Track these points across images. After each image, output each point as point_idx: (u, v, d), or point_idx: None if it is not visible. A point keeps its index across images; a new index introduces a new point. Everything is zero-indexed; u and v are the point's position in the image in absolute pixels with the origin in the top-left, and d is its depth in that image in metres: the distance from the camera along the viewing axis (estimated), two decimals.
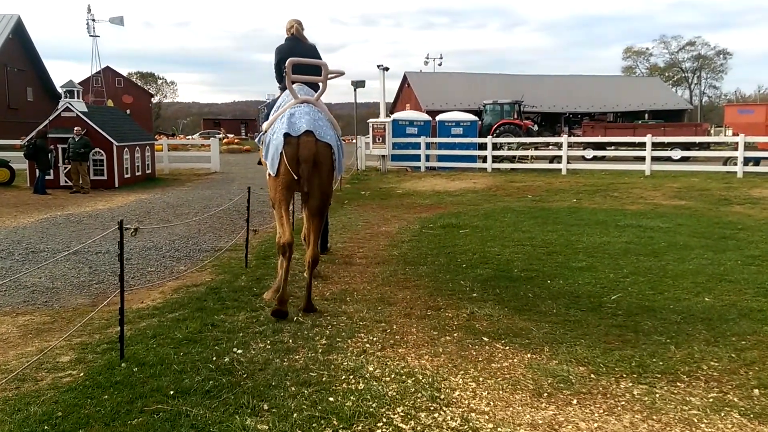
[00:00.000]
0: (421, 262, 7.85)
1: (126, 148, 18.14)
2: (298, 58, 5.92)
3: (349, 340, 4.96)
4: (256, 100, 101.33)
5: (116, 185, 17.37)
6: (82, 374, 4.24)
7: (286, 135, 5.49)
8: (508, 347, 4.79)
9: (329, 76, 6.27)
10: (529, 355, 4.62)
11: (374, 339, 5.00)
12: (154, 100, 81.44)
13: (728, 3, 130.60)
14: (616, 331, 5.09)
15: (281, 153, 5.47)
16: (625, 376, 4.19)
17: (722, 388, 3.97)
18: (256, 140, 6.44)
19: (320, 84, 6.14)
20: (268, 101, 8.29)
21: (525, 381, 4.14)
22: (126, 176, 18.13)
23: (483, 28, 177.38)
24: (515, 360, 4.54)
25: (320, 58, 6.40)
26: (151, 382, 4.04)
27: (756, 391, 3.91)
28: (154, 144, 21.65)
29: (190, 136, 58.96)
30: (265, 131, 6.05)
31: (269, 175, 5.79)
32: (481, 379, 4.18)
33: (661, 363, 4.39)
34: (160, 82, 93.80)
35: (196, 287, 6.74)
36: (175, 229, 10.37)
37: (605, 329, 5.15)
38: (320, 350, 4.72)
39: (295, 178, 5.50)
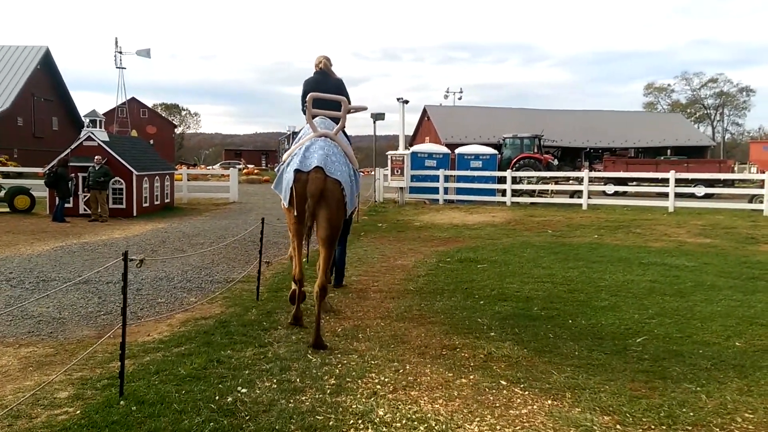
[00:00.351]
0: (437, 298, 7.60)
1: (146, 178, 18.23)
2: (318, 93, 6.19)
3: (359, 381, 4.72)
4: (277, 131, 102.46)
5: (134, 214, 17.40)
6: (78, 412, 4.05)
7: (297, 171, 5.69)
8: (527, 392, 4.52)
9: (352, 110, 6.67)
10: (549, 402, 4.34)
11: (386, 380, 4.75)
12: (178, 130, 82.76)
13: (752, 40, 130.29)
14: (643, 377, 4.79)
15: (292, 188, 5.72)
16: (653, 427, 3.89)
17: None
18: (276, 170, 6.66)
19: (342, 119, 6.31)
20: (288, 133, 8.81)
21: (545, 430, 3.86)
22: (144, 205, 18.18)
23: (503, 63, 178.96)
24: (535, 407, 4.26)
25: (346, 93, 6.70)
26: (148, 423, 3.84)
27: None
28: (174, 173, 21.77)
29: (211, 167, 59.58)
30: (284, 161, 6.27)
31: (284, 206, 6.10)
32: (498, 427, 3.92)
33: (691, 414, 4.08)
34: (183, 113, 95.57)
35: (204, 320, 6.56)
36: (188, 259, 10.25)
37: (631, 375, 4.85)
38: (328, 391, 4.49)
39: (303, 212, 5.69)
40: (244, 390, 4.45)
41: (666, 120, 60.52)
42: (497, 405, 4.29)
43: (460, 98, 63.76)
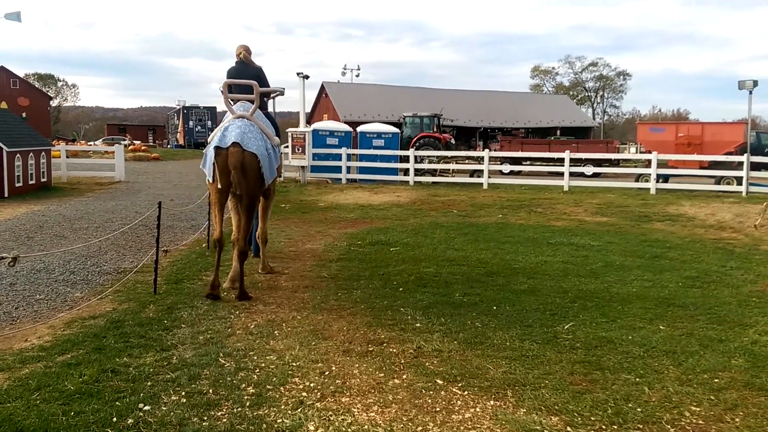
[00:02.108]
0: (354, 286, 7.16)
1: (18, 154, 16.38)
2: (232, 80, 7.03)
3: (281, 388, 4.20)
4: (165, 105, 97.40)
5: (5, 195, 15.59)
6: None
7: (216, 147, 6.37)
8: (466, 392, 4.19)
9: (272, 93, 7.78)
10: (492, 402, 4.03)
11: (311, 385, 4.26)
12: (54, 103, 76.36)
13: (625, 27, 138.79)
14: (581, 369, 4.60)
15: (213, 163, 6.36)
16: (604, 427, 3.67)
17: None
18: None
19: (255, 101, 6.86)
20: (178, 107, 9.58)
21: None
22: (17, 185, 16.35)
23: (397, 42, 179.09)
24: (477, 409, 3.93)
25: (265, 79, 7.45)
26: None
27: None
28: (51, 150, 19.80)
29: (92, 142, 55.50)
30: (209, 143, 6.75)
31: (208, 181, 6.63)
32: None
33: (639, 409, 3.91)
34: (60, 84, 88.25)
35: (93, 320, 5.73)
36: (71, 246, 9.15)
37: (568, 366, 4.65)
38: (248, 403, 3.93)
39: (226, 183, 6.38)
40: (147, 407, 3.81)
41: (553, 101, 63.23)
42: (438, 409, 3.92)
43: (357, 75, 63.07)
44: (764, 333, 5.50)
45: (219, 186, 6.41)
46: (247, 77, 7.05)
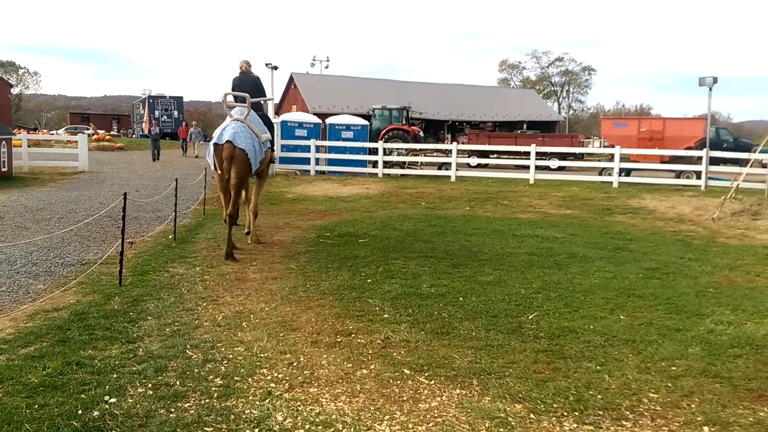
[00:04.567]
0: (322, 277, 7.18)
1: None
2: (230, 92, 9.10)
3: (249, 379, 4.21)
4: (130, 94, 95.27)
5: None
6: None
7: (215, 144, 8.39)
8: (433, 381, 4.26)
9: (263, 101, 9.68)
10: (458, 391, 4.11)
11: (279, 376, 4.28)
12: (14, 90, 74.14)
13: (592, 23, 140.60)
14: (544, 358, 4.72)
15: (213, 156, 8.46)
16: (566, 414, 3.78)
17: (671, 427, 3.66)
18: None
19: (248, 107, 8.71)
20: (143, 96, 10.76)
21: (460, 426, 3.62)
22: None
23: (371, 33, 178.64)
24: (444, 398, 4.01)
25: (262, 87, 9.63)
26: None
27: (705, 428, 3.63)
28: (12, 139, 19.28)
29: (54, 131, 54.14)
30: (212, 140, 8.62)
31: (213, 172, 8.68)
32: (410, 425, 3.62)
33: (599, 396, 4.03)
34: (21, 71, 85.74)
35: (57, 312, 5.65)
36: (33, 237, 8.97)
37: (532, 355, 4.76)
38: (215, 394, 3.94)
39: (223, 171, 8.30)
40: (112, 400, 3.79)
41: (520, 95, 63.91)
42: (404, 398, 3.98)
43: (327, 67, 62.76)
44: (720, 322, 5.70)
45: (219, 172, 8.38)
46: (247, 85, 9.15)
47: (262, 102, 9.62)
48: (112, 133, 53.78)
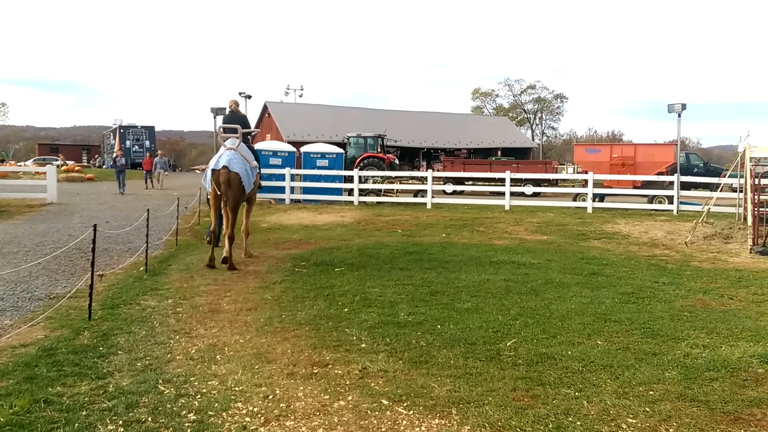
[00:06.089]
0: (298, 307, 7.09)
1: None
2: (225, 125, 10.62)
3: (224, 413, 4.10)
4: (100, 125, 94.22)
5: None
6: None
7: (213, 170, 9.70)
8: (411, 411, 4.19)
9: (247, 133, 10.86)
10: (437, 421, 4.05)
11: (255, 409, 4.18)
12: None
13: (563, 52, 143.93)
14: (522, 385, 4.68)
15: (211, 180, 9.70)
16: None
17: None
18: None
19: (239, 138, 10.27)
20: (114, 126, 11.62)
21: None
22: None
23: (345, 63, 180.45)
24: (423, 428, 3.95)
25: (248, 123, 11.24)
26: None
27: None
28: None
29: (22, 163, 53.27)
30: (209, 166, 10.16)
31: (208, 192, 10.24)
32: None
33: (578, 423, 4.00)
34: None
35: (24, 348, 5.47)
36: None
37: (511, 383, 4.72)
38: (189, 430, 3.84)
39: (219, 193, 9.62)
40: None
41: (494, 123, 64.77)
42: (383, 430, 3.92)
43: (301, 96, 63.09)
44: (695, 346, 5.74)
45: (216, 194, 9.67)
46: (236, 122, 10.53)
47: (250, 136, 11.21)
48: (82, 163, 53.12)
